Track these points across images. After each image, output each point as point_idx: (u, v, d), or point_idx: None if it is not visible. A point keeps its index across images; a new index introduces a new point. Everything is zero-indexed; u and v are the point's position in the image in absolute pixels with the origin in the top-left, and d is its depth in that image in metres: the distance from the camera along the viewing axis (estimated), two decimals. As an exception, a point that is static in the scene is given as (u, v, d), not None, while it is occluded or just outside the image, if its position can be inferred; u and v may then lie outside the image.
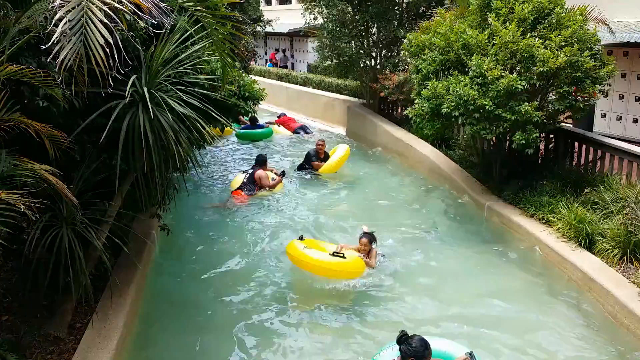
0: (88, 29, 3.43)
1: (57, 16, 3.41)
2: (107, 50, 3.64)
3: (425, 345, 4.88)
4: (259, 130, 17.21)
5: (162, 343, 6.61)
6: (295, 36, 28.58)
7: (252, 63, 21.53)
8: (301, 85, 22.21)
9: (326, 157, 13.35)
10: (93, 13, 3.43)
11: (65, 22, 3.40)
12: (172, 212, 8.15)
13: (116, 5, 3.59)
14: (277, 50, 31.15)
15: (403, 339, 4.92)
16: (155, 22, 4.32)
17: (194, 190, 11.37)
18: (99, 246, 5.75)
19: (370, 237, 8.31)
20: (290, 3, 29.83)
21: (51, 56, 3.58)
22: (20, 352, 5.45)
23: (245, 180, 11.80)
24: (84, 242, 5.78)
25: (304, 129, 18.12)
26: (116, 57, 3.87)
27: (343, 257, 7.82)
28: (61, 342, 5.85)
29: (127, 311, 6.48)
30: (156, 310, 7.33)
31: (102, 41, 3.44)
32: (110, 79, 4.13)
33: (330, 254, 7.86)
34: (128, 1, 3.69)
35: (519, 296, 7.64)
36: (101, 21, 3.46)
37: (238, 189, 11.74)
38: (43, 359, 5.57)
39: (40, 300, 6.05)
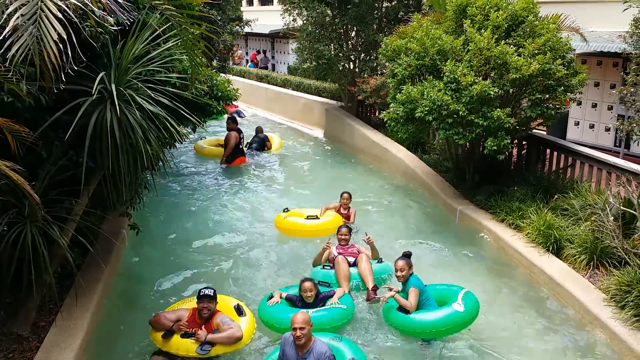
0: (42, 23, 3.39)
1: (9, 10, 3.36)
2: (63, 45, 3.59)
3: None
4: None
5: (127, 343, 6.55)
6: (276, 37, 28.54)
7: (230, 63, 21.55)
8: (281, 86, 22.20)
9: None
10: (48, 8, 3.39)
11: (18, 17, 3.35)
12: (144, 210, 8.12)
13: (73, 0, 3.55)
14: (258, 51, 31.08)
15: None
16: (112, 17, 4.28)
17: (166, 187, 11.62)
18: (63, 244, 5.68)
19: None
20: (272, 4, 29.78)
21: (2, 50, 3.53)
22: (-19, 350, 5.38)
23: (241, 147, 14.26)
24: (50, 240, 5.72)
25: (239, 113, 20.89)
26: (80, 53, 3.82)
27: (316, 218, 9.44)
28: (24, 340, 5.79)
29: (92, 311, 6.42)
30: (123, 311, 7.26)
31: (55, 36, 3.40)
32: (63, 75, 4.07)
33: (305, 218, 9.46)
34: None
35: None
36: (56, 16, 3.42)
37: (239, 157, 14.10)
38: (5, 357, 5.50)
39: (4, 298, 5.97)
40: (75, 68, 4.30)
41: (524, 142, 11.17)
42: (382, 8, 15.98)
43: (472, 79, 8.89)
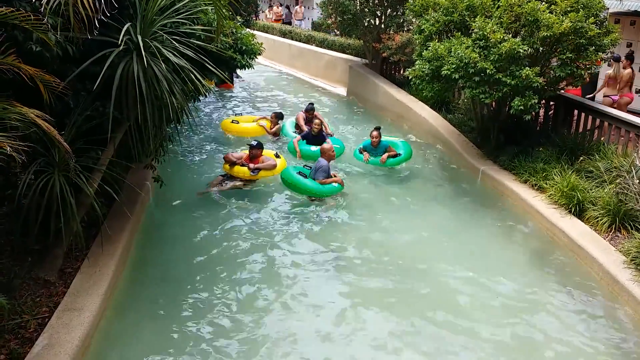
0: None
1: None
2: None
3: None
4: None
5: (151, 291, 6.68)
6: (301, -9, 28.10)
7: (255, 19, 21.34)
8: (304, 42, 21.92)
9: None
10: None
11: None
12: (168, 164, 8.19)
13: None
14: (280, 4, 30.65)
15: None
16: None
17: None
18: (90, 193, 5.79)
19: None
20: (298, -43, 29.18)
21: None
22: (10, 293, 5.55)
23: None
24: (76, 189, 5.84)
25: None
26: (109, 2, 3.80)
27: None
28: (51, 285, 5.97)
29: (117, 258, 6.57)
30: (148, 259, 7.38)
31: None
32: (96, 24, 4.08)
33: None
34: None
35: (499, 259, 7.76)
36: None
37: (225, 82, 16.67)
38: (32, 301, 5.68)
39: (32, 244, 6.13)
40: (105, 18, 4.30)
41: (551, 103, 10.98)
42: (411, -39, 15.59)
43: (502, 36, 8.71)
